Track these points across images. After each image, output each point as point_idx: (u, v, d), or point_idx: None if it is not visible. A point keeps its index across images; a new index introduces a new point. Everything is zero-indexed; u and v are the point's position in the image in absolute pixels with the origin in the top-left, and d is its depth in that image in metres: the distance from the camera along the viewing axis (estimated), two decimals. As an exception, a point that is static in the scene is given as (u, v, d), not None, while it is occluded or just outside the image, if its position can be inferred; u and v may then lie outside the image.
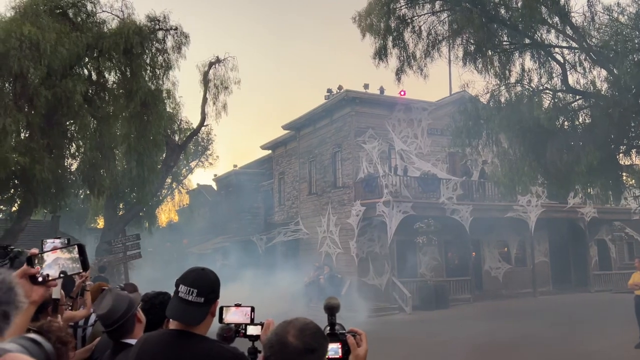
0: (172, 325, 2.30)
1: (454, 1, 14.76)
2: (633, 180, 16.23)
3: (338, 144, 23.28)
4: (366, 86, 22.96)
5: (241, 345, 2.37)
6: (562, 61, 14.64)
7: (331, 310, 1.99)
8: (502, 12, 14.79)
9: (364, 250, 21.38)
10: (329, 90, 24.32)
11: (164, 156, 20.34)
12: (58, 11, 16.42)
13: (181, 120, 22.31)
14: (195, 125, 22.27)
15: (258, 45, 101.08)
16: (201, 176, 55.63)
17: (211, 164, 41.85)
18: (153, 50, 17.61)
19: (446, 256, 22.83)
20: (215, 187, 39.15)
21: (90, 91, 16.68)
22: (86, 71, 17.40)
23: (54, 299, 3.50)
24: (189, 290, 2.22)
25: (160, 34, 17.83)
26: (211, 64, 20.74)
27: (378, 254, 21.32)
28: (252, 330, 2.47)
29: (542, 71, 14.89)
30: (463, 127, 15.47)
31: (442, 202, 20.63)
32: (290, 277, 19.27)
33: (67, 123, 16.58)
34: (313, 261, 22.58)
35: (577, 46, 14.17)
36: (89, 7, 16.94)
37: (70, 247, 1.72)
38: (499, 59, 14.90)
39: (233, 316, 2.50)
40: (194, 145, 35.27)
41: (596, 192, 16.40)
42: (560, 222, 23.93)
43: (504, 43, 15.14)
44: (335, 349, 1.88)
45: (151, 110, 16.91)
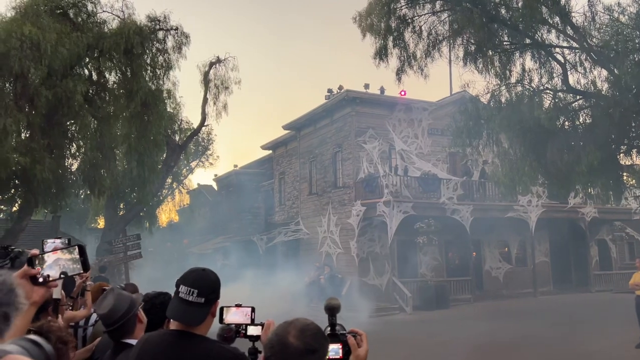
0: (173, 325, 2.30)
1: (455, 1, 14.76)
2: (634, 180, 16.23)
3: (338, 144, 23.28)
4: (367, 86, 22.99)
5: (241, 345, 2.37)
6: (563, 61, 14.65)
7: (332, 310, 2.00)
8: (503, 12, 14.79)
9: (365, 250, 21.38)
10: (330, 90, 24.33)
11: (165, 156, 20.35)
12: (59, 11, 16.43)
13: (182, 120, 22.37)
14: (195, 125, 22.31)
15: (258, 45, 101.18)
16: (201, 176, 55.82)
17: (212, 164, 41.91)
18: (153, 50, 17.62)
19: (447, 256, 22.82)
20: (215, 187, 39.15)
21: (90, 91, 16.69)
22: (87, 71, 17.41)
23: (55, 299, 3.51)
24: (190, 290, 2.22)
25: (160, 34, 17.84)
26: (212, 64, 20.75)
27: (378, 254, 21.32)
28: (253, 330, 2.47)
29: (543, 71, 14.90)
30: (463, 127, 15.47)
31: (443, 202, 20.63)
32: (290, 277, 19.26)
33: (68, 123, 16.59)
34: (313, 261, 22.58)
35: (578, 46, 14.17)
36: (90, 7, 16.96)
37: (70, 248, 1.73)
38: (500, 59, 14.90)
39: (233, 316, 2.50)
40: (195, 145, 35.31)
41: (597, 192, 16.41)
42: (560, 222, 23.92)
43: (505, 43, 15.14)
44: (335, 350, 1.88)
45: (152, 110, 16.92)
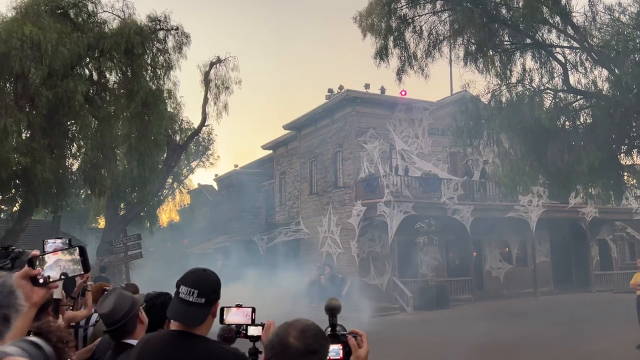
0: (173, 326, 2.30)
1: (455, 1, 14.76)
2: (634, 180, 16.22)
3: (339, 144, 23.27)
4: (367, 86, 22.98)
5: (242, 346, 2.37)
6: (563, 61, 14.64)
7: (332, 311, 2.00)
8: (503, 12, 14.79)
9: (365, 250, 21.38)
10: (330, 90, 24.33)
11: (165, 156, 20.36)
12: (59, 11, 16.45)
13: (182, 120, 22.42)
14: (196, 125, 22.32)
15: (259, 45, 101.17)
16: (202, 176, 55.76)
17: (212, 164, 41.89)
18: (154, 50, 17.63)
19: (447, 256, 22.81)
20: (216, 187, 39.16)
21: (91, 91, 16.70)
22: (87, 71, 17.43)
23: (56, 299, 3.51)
24: (190, 291, 2.22)
25: (161, 34, 17.85)
26: (212, 64, 20.76)
27: (379, 254, 21.32)
28: (253, 331, 2.47)
29: (543, 71, 14.90)
30: (464, 127, 15.47)
31: (443, 202, 20.62)
32: (291, 278, 19.25)
33: (68, 123, 16.61)
34: (314, 261, 22.57)
35: (578, 46, 14.17)
36: (90, 7, 16.98)
37: (71, 249, 1.74)
38: (500, 59, 14.90)
39: (234, 317, 2.49)
40: (195, 145, 35.32)
41: (597, 192, 16.40)
42: (561, 222, 23.91)
43: (505, 43, 15.13)
44: (336, 350, 1.88)
45: (152, 110, 16.93)
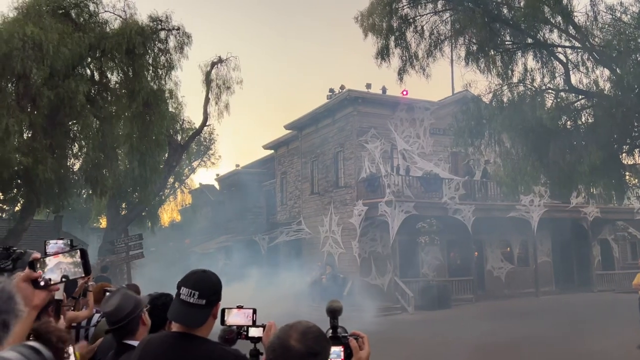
0: (174, 327, 2.30)
1: (457, 1, 14.74)
2: (636, 179, 16.20)
3: (340, 144, 23.27)
4: (368, 86, 22.96)
5: (243, 347, 2.37)
6: (565, 61, 14.62)
7: (333, 313, 2.00)
8: (505, 12, 14.78)
9: (366, 250, 21.37)
10: (331, 90, 24.32)
11: (167, 156, 20.37)
12: (61, 11, 16.47)
13: (183, 120, 22.41)
14: (197, 125, 22.32)
15: (261, 45, 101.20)
16: (203, 176, 55.68)
17: (213, 164, 41.88)
18: (155, 50, 17.65)
19: (448, 256, 22.79)
20: (217, 187, 39.18)
21: (92, 91, 16.73)
22: (89, 71, 17.45)
23: (57, 300, 3.51)
24: (191, 292, 2.22)
25: (162, 34, 17.87)
26: (213, 64, 20.76)
27: (380, 254, 21.31)
28: (254, 332, 2.47)
29: (545, 71, 14.89)
30: (465, 127, 15.45)
31: (445, 202, 20.61)
32: (292, 277, 19.26)
33: (70, 123, 16.63)
34: (315, 261, 22.59)
35: (580, 46, 14.14)
36: (92, 8, 17.00)
37: (72, 252, 1.75)
38: (502, 59, 14.88)
39: (235, 318, 2.49)
40: (197, 145, 35.33)
41: (599, 192, 16.37)
42: (563, 222, 23.88)
43: (507, 43, 15.11)
44: (337, 352, 1.88)
45: (153, 110, 16.95)
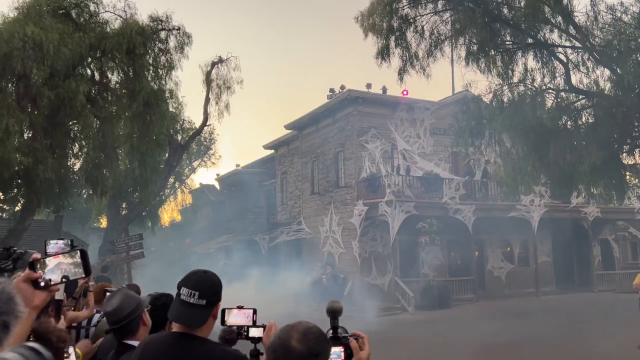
0: (175, 327, 2.30)
1: (457, 1, 14.74)
2: (636, 179, 16.19)
3: (341, 144, 23.27)
4: (369, 86, 22.96)
5: (243, 347, 2.37)
6: (565, 61, 14.61)
7: (334, 313, 2.00)
8: (505, 12, 14.77)
9: (367, 250, 21.37)
10: (332, 89, 24.33)
11: (167, 156, 20.37)
12: (61, 12, 16.47)
13: (184, 120, 22.40)
14: (197, 125, 22.32)
15: (261, 45, 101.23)
16: (204, 176, 55.72)
17: (214, 164, 41.89)
18: (156, 50, 17.66)
19: (449, 256, 22.79)
20: (218, 187, 39.19)
21: (93, 91, 16.73)
22: (89, 71, 17.45)
23: (57, 300, 3.51)
24: (191, 292, 2.22)
25: (162, 34, 17.88)
26: (214, 64, 20.76)
27: (380, 254, 21.31)
28: (254, 332, 2.47)
29: (545, 71, 14.87)
30: (466, 127, 15.44)
31: (445, 202, 20.61)
32: (293, 277, 19.26)
33: (70, 123, 16.63)
34: (316, 261, 22.60)
35: (580, 46, 14.13)
36: (92, 8, 17.01)
37: (72, 252, 1.76)
38: (502, 59, 14.87)
39: (235, 318, 2.49)
40: (197, 145, 35.32)
41: (599, 192, 16.36)
42: (563, 222, 23.87)
43: (507, 43, 15.10)
44: (338, 353, 1.89)
45: (154, 110, 16.95)
